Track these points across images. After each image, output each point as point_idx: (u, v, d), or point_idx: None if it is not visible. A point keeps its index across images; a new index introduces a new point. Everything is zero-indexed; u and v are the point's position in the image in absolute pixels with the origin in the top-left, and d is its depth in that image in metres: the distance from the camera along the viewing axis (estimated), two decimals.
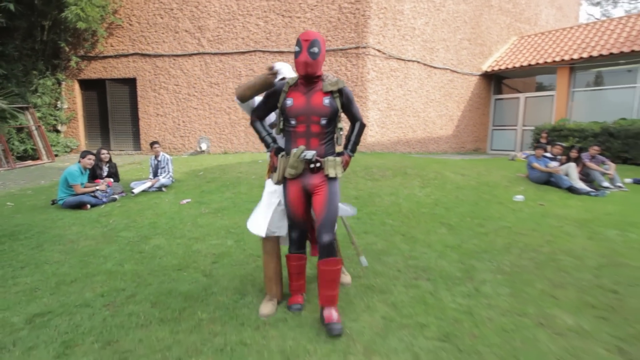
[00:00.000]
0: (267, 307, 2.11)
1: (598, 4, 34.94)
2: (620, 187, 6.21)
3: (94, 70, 10.17)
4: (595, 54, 9.93)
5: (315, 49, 1.93)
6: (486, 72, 12.09)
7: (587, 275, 2.75)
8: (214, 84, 9.54)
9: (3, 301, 2.30)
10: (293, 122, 2.01)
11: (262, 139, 2.12)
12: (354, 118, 2.16)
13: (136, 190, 5.41)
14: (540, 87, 13.32)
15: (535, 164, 6.25)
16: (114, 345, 1.81)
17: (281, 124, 2.07)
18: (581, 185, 5.89)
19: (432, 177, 6.03)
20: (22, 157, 8.92)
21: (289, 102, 2.00)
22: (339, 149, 2.19)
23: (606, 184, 6.23)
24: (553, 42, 11.73)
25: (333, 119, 2.04)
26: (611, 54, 9.62)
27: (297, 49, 1.98)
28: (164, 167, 5.87)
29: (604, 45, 10.07)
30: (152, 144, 5.97)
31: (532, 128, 10.80)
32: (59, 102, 10.14)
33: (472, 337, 1.90)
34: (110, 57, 9.97)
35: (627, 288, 2.53)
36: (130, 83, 10.10)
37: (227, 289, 2.43)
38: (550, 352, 1.77)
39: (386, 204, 4.79)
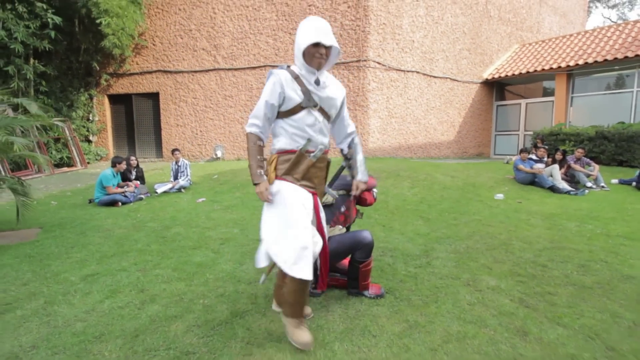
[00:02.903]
0: (307, 334, 1.82)
1: (615, 6, 34.68)
2: (603, 187, 6.60)
3: (122, 86, 11.23)
4: (590, 60, 10.28)
5: None
6: (487, 79, 12.54)
7: (528, 254, 3.29)
8: (228, 97, 10.40)
9: (62, 267, 3.05)
10: None
11: None
12: None
13: (159, 191, 6.22)
14: (546, 93, 13.61)
15: (520, 166, 6.72)
16: (146, 292, 2.52)
17: None
18: (563, 185, 6.33)
19: (422, 179, 6.60)
20: (58, 165, 9.98)
21: None
22: None
23: (590, 184, 6.63)
24: (552, 49, 12.11)
25: None
26: (605, 60, 9.95)
27: None
28: (183, 171, 6.67)
29: (600, 52, 10.41)
30: (173, 151, 6.79)
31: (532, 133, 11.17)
32: (90, 115, 11.24)
33: (409, 291, 2.50)
34: (136, 74, 11.02)
35: (557, 264, 3.06)
36: (153, 97, 11.10)
37: (230, 260, 3.12)
38: (464, 300, 2.36)
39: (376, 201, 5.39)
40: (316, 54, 1.78)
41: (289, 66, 1.87)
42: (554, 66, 11.05)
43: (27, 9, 8.54)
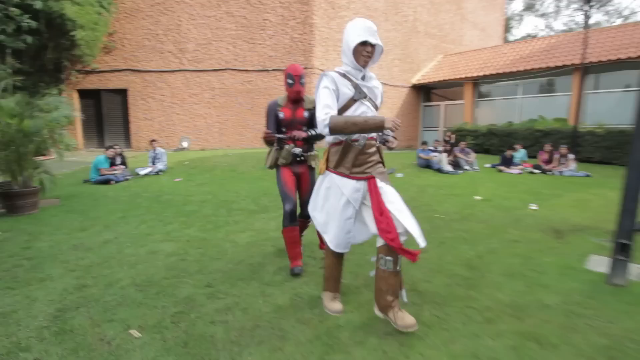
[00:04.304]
0: (339, 304, 2.26)
1: (543, 15, 39.71)
2: (475, 169, 9.21)
3: (91, 82, 12.29)
4: (488, 72, 13.10)
5: (304, 80, 2.68)
6: (415, 84, 15.11)
7: None
8: (193, 95, 11.94)
9: (98, 214, 4.77)
10: (284, 129, 2.78)
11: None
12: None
13: (141, 173, 7.84)
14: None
15: (420, 154, 9.14)
16: (164, 221, 4.37)
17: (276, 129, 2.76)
18: (447, 167, 8.82)
19: None
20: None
21: (281, 115, 2.78)
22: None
23: (467, 167, 9.21)
24: (465, 61, 14.90)
25: (310, 125, 2.80)
26: (497, 73, 12.81)
27: (290, 81, 2.63)
28: (160, 158, 8.29)
29: (495, 66, 13.27)
30: (151, 141, 8.39)
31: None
32: None
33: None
34: (106, 71, 12.15)
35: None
36: (122, 93, 12.31)
37: (210, 209, 5.02)
38: None
39: None
40: (363, 52, 1.94)
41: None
42: (464, 75, 13.81)
43: (3, 14, 9.51)
